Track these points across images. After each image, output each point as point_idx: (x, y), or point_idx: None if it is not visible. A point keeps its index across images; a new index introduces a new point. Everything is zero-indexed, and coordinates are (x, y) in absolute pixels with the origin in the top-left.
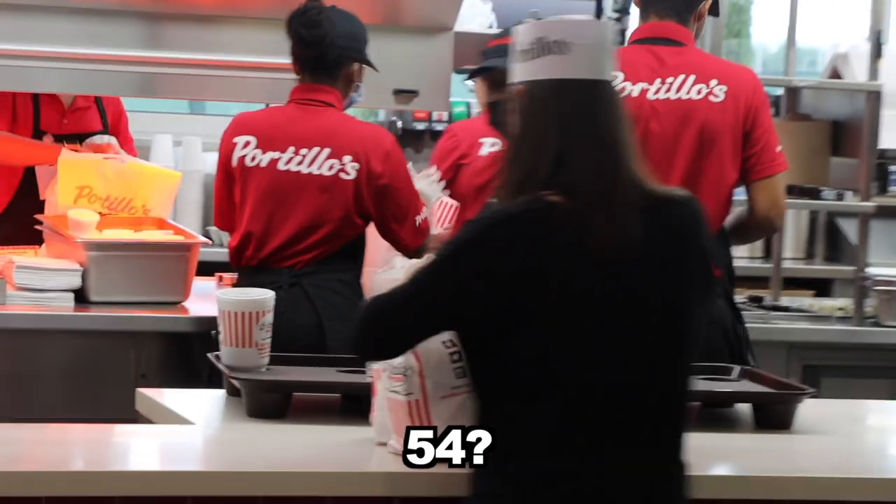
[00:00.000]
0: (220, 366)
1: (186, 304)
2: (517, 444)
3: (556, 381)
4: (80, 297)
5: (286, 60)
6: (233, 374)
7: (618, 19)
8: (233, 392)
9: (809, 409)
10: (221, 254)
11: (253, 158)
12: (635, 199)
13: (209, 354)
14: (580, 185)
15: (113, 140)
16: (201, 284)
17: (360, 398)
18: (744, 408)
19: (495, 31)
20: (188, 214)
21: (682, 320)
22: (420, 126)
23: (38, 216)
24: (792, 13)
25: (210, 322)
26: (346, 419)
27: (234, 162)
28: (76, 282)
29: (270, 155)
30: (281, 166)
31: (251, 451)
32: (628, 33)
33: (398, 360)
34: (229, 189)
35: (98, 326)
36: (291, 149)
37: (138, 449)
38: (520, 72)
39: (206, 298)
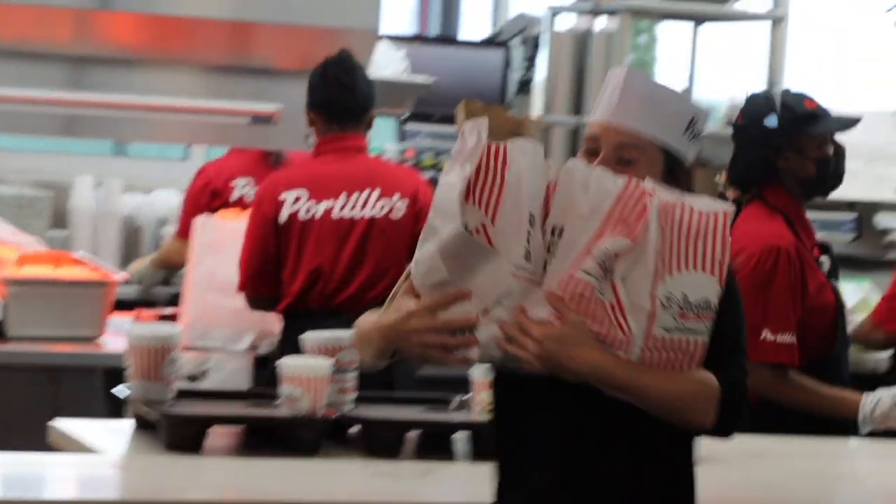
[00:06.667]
0: (135, 399)
1: (102, 339)
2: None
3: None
4: None
5: (207, 103)
6: (151, 407)
7: (527, 68)
8: (142, 424)
9: None
10: (139, 291)
11: (307, 211)
12: None
13: (115, 389)
14: None
15: None
16: (117, 321)
17: (274, 430)
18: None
19: (410, 76)
20: (107, 254)
21: None
22: None
23: None
24: (691, 68)
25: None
26: (252, 451)
27: (284, 219)
28: None
29: (325, 205)
30: (335, 214)
31: (163, 481)
32: (534, 84)
33: None
34: (276, 247)
35: (15, 361)
36: (343, 195)
37: (53, 478)
38: None
39: (121, 334)
